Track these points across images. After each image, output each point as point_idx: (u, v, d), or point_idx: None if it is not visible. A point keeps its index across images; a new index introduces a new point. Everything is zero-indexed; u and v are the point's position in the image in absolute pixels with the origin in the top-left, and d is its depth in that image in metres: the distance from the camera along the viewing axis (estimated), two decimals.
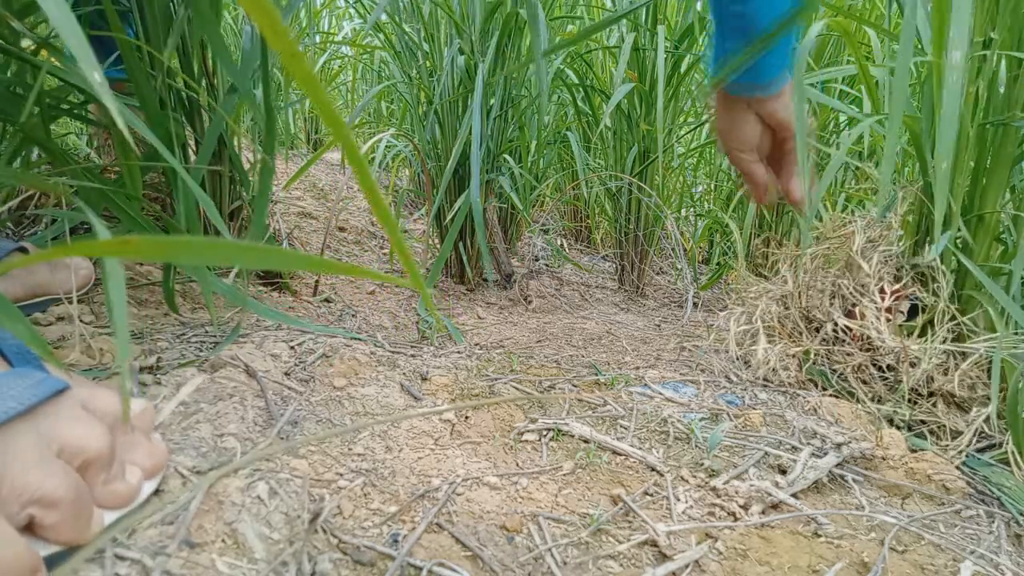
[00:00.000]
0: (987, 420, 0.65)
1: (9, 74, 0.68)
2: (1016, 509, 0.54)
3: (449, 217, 1.16)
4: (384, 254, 1.41)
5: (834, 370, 0.76)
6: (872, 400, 0.73)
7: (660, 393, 0.71)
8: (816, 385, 0.77)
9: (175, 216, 0.76)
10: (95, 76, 0.27)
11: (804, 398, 0.72)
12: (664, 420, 0.63)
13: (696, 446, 0.59)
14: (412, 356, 0.73)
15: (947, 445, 0.64)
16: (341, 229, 1.46)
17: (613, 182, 1.38)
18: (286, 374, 0.60)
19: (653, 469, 0.55)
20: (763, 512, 0.50)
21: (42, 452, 0.32)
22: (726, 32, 0.60)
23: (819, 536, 0.48)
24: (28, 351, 0.37)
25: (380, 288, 1.12)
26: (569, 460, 0.54)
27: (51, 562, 0.32)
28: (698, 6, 1.25)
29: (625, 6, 1.17)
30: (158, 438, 0.42)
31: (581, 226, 1.97)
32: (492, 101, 1.13)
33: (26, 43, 0.65)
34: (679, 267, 1.64)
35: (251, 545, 0.37)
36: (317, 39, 2.07)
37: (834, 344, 0.78)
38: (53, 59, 0.54)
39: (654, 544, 0.45)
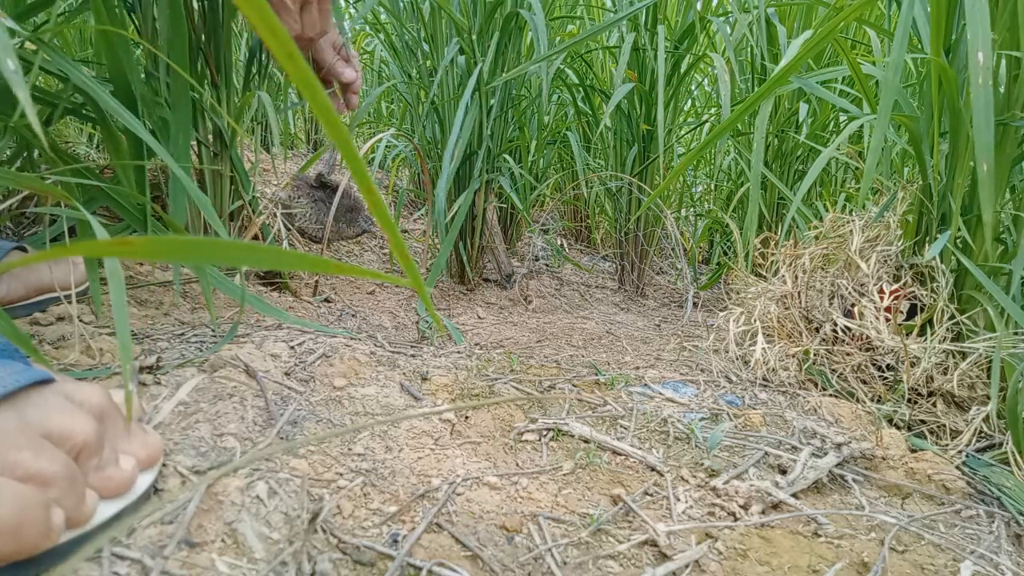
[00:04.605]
0: (987, 420, 0.65)
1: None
2: (1016, 509, 0.54)
3: (448, 217, 1.16)
4: (384, 254, 1.41)
5: (834, 370, 0.76)
6: (872, 400, 0.73)
7: (660, 393, 0.71)
8: (816, 385, 0.77)
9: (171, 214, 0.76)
10: (8, 63, 0.26)
11: (804, 398, 0.72)
12: (664, 420, 0.63)
13: (696, 446, 0.59)
14: (412, 356, 0.73)
15: (947, 445, 0.64)
16: None
17: (613, 182, 1.38)
18: (286, 374, 0.60)
19: (653, 469, 0.55)
20: (763, 512, 0.50)
21: (28, 435, 0.32)
22: None
23: (819, 536, 0.48)
24: (14, 349, 0.37)
25: (380, 288, 1.12)
26: (569, 460, 0.54)
27: (51, 559, 0.32)
28: (698, 6, 1.25)
29: (625, 7, 1.17)
30: (151, 429, 0.42)
31: (581, 226, 1.97)
32: (492, 101, 1.13)
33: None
34: (679, 267, 1.64)
35: (251, 545, 0.37)
36: None
37: (833, 344, 0.78)
38: (46, 56, 0.54)
39: (654, 544, 0.45)
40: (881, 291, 0.75)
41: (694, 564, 0.43)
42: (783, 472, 0.56)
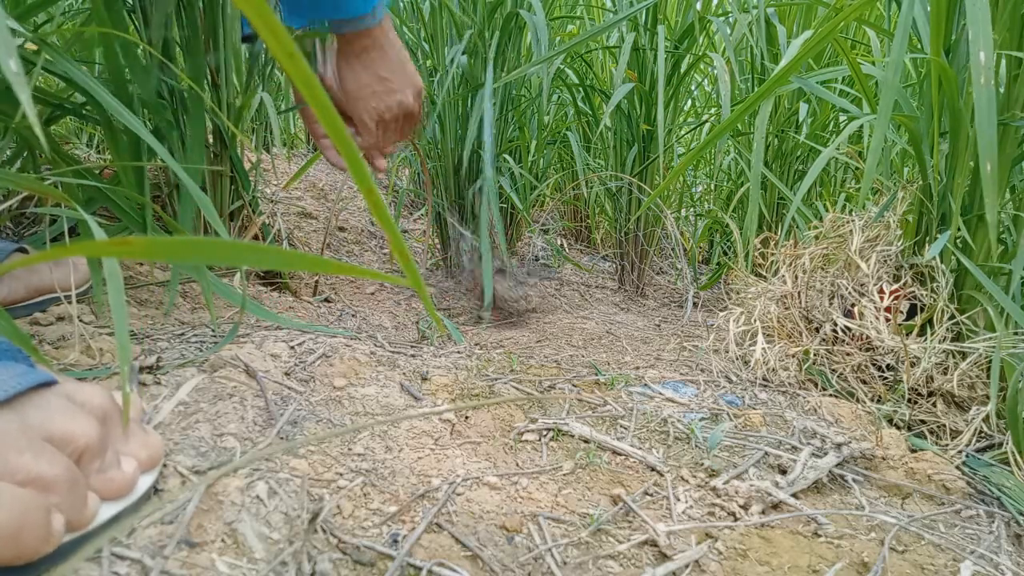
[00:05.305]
0: (987, 420, 0.65)
1: None
2: (1016, 509, 0.54)
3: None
4: (384, 254, 1.41)
5: (834, 370, 0.76)
6: (872, 400, 0.73)
7: (660, 393, 0.71)
8: (816, 385, 0.77)
9: (176, 215, 0.76)
10: (11, 64, 0.26)
11: (804, 398, 0.72)
12: (664, 420, 0.63)
13: (696, 446, 0.59)
14: (412, 356, 0.73)
15: (947, 445, 0.64)
16: (341, 229, 1.47)
17: (613, 182, 1.38)
18: (286, 374, 0.60)
19: (653, 469, 0.55)
20: (763, 512, 0.50)
21: (30, 438, 0.32)
22: None
23: (819, 536, 0.48)
24: (17, 350, 0.37)
25: (380, 288, 1.12)
26: (569, 460, 0.54)
27: (51, 559, 0.32)
28: (698, 6, 1.24)
29: (625, 7, 1.17)
30: (152, 430, 0.42)
31: (581, 226, 1.97)
32: (492, 101, 1.13)
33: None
34: (679, 267, 1.64)
35: (251, 545, 0.37)
36: None
37: (833, 344, 0.78)
38: (47, 56, 0.54)
39: (654, 544, 0.45)
40: (881, 291, 0.75)
41: (694, 564, 0.43)
42: (783, 472, 0.56)
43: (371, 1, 0.70)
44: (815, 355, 0.78)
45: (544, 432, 0.59)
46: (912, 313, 0.76)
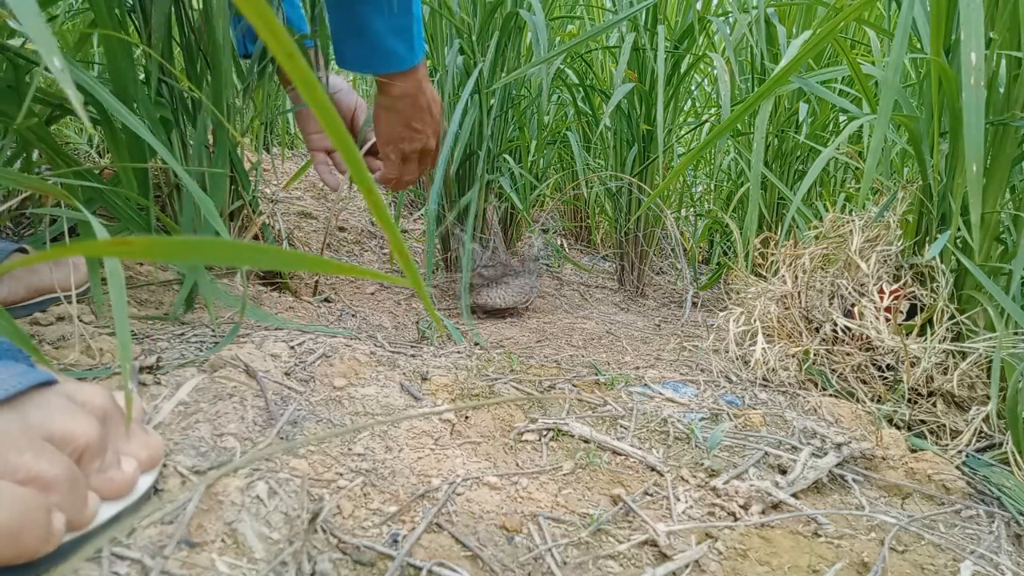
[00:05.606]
0: (987, 420, 0.65)
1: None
2: (1016, 509, 0.54)
3: (449, 217, 1.16)
4: (384, 254, 1.41)
5: (834, 370, 0.76)
6: (872, 400, 0.73)
7: (660, 393, 0.71)
8: (816, 385, 0.77)
9: (176, 216, 0.76)
10: (55, 61, 0.26)
11: (804, 398, 0.72)
12: (664, 420, 0.63)
13: (696, 446, 0.59)
14: (412, 356, 0.73)
15: (947, 445, 0.64)
16: (341, 229, 1.47)
17: (613, 182, 1.38)
18: (286, 374, 0.60)
19: (653, 469, 0.55)
20: (763, 512, 0.50)
21: (30, 438, 0.32)
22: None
23: (819, 536, 0.48)
24: (17, 350, 0.37)
25: (380, 288, 1.12)
26: (569, 460, 0.54)
27: (51, 559, 0.32)
28: (698, 6, 1.24)
29: (625, 7, 1.17)
30: (152, 430, 0.42)
31: (581, 226, 1.97)
32: (492, 101, 1.13)
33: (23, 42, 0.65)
34: (679, 267, 1.64)
35: (251, 545, 0.37)
36: None
37: (833, 344, 0.78)
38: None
39: (654, 544, 0.45)
40: (881, 291, 0.75)
41: (694, 564, 0.43)
42: (783, 472, 0.56)
43: (417, 55, 0.77)
44: (815, 355, 0.78)
45: (544, 432, 0.59)
46: (912, 313, 0.76)
